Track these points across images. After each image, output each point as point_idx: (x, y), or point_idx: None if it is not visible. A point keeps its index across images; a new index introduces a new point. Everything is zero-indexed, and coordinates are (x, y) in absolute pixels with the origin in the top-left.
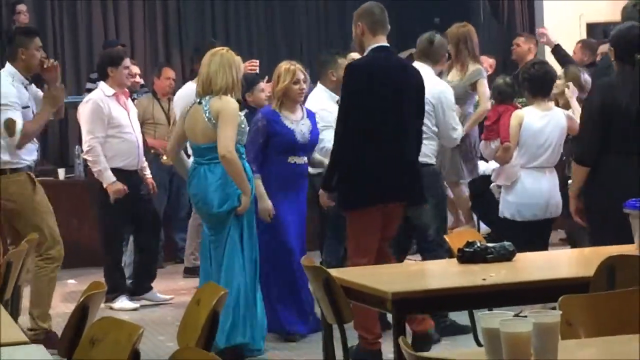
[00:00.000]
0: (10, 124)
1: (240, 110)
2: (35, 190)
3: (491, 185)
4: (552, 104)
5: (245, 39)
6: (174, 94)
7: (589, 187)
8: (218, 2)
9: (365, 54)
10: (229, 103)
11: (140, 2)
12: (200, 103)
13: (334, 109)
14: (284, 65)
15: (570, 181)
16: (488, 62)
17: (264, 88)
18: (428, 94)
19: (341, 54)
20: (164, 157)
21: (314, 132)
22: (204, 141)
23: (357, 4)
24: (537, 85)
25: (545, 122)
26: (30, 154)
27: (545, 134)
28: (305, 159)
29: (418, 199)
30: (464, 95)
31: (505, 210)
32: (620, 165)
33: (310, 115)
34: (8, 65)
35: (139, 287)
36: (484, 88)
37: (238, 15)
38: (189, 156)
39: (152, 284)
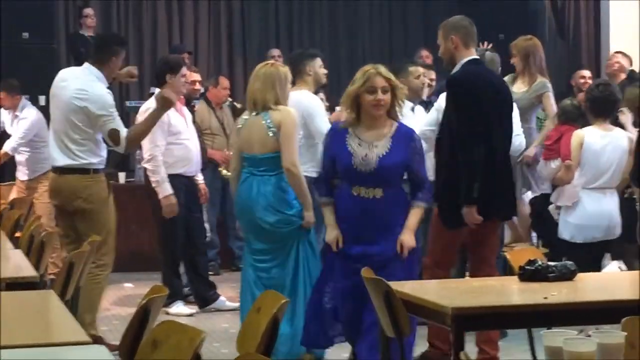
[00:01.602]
0: (113, 135)
1: None
2: (110, 193)
3: (550, 206)
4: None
5: (308, 45)
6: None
7: None
8: (282, 8)
9: (458, 67)
10: (290, 114)
11: (205, 8)
12: (257, 114)
13: (408, 115)
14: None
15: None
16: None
17: (323, 97)
18: None
19: (410, 63)
20: (224, 171)
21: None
22: (262, 151)
23: (419, 6)
24: (600, 106)
25: (605, 142)
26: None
27: (606, 154)
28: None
29: (513, 212)
30: (529, 107)
31: (565, 231)
32: None
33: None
34: (93, 68)
35: (203, 299)
36: (552, 101)
37: (301, 22)
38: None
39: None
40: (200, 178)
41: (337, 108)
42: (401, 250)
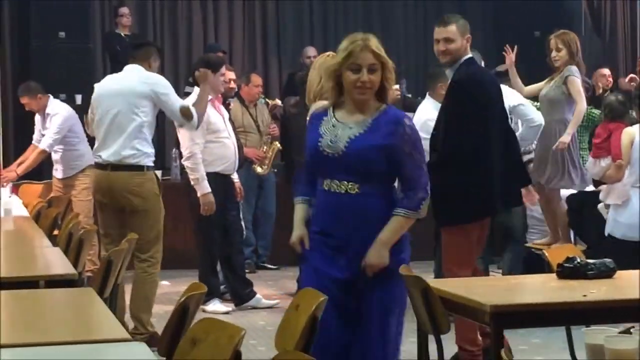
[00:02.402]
0: (186, 111)
1: None
2: (161, 191)
3: (599, 205)
4: None
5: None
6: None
7: None
8: (316, 8)
9: (458, 65)
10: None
11: (240, 7)
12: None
13: None
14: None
15: None
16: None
17: None
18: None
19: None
20: (258, 169)
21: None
22: None
23: (454, 5)
24: None
25: None
26: None
27: None
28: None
29: (519, 201)
30: (559, 96)
31: (616, 230)
32: None
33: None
34: (135, 66)
35: (240, 296)
36: (577, 87)
37: (336, 21)
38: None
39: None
40: (235, 177)
41: None
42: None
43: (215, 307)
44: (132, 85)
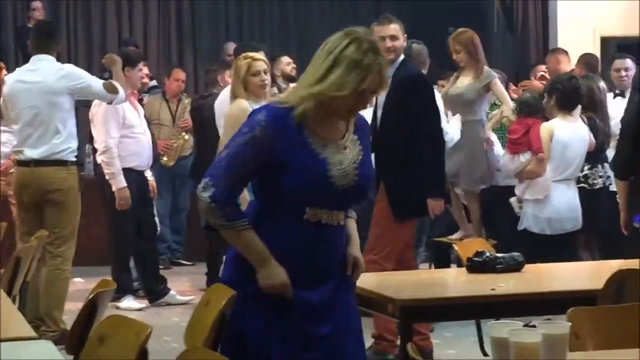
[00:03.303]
0: (109, 85)
1: None
2: (81, 187)
3: (512, 199)
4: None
5: (258, 39)
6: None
7: (629, 201)
8: (232, 2)
9: (397, 64)
10: (231, 107)
11: (155, 2)
12: None
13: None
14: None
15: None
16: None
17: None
18: None
19: None
20: (164, 158)
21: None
22: None
23: (370, 6)
24: (569, 99)
25: (572, 134)
26: None
27: (572, 146)
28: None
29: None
30: (476, 98)
31: (534, 224)
32: None
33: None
34: (45, 56)
35: (153, 293)
36: (501, 88)
37: (251, 16)
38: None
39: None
40: (149, 174)
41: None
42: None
43: (129, 303)
44: (48, 81)
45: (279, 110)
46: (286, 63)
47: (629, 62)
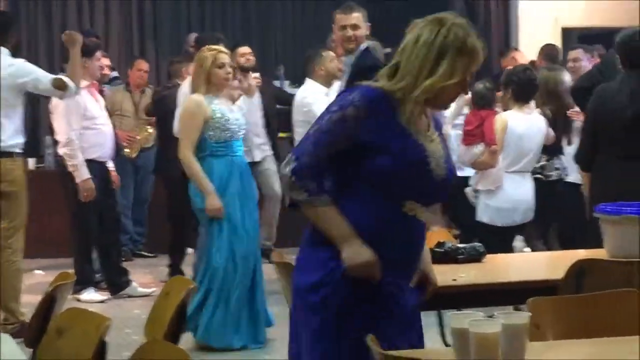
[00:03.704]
0: (59, 82)
1: None
2: (26, 177)
3: (467, 189)
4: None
5: (220, 29)
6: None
7: (591, 191)
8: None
9: (358, 52)
10: (187, 102)
11: None
12: None
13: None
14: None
15: None
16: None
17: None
18: None
19: (322, 48)
20: (127, 150)
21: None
22: None
23: (332, 7)
24: (523, 90)
25: (527, 126)
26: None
27: (527, 138)
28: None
29: None
30: None
31: (484, 214)
32: (616, 169)
33: None
34: (3, 48)
35: (115, 285)
36: None
37: (213, 8)
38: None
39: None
40: (111, 165)
41: None
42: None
43: (90, 296)
44: None
45: (374, 92)
46: (241, 54)
47: (579, 52)
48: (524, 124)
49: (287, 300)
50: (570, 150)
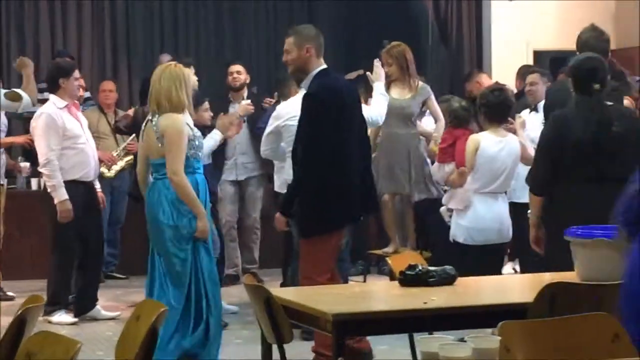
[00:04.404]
0: (11, 95)
1: None
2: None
3: (442, 208)
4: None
5: (194, 50)
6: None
7: (545, 216)
8: (166, 14)
9: (311, 77)
10: (175, 121)
11: (89, 15)
12: (151, 120)
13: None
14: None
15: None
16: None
17: (208, 107)
18: None
19: None
20: (105, 170)
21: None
22: (157, 157)
23: (304, 10)
24: (495, 111)
25: (500, 147)
26: None
27: (500, 160)
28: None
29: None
30: (416, 112)
31: (458, 234)
32: (572, 194)
33: None
34: None
35: (81, 307)
36: (436, 105)
37: (187, 29)
38: None
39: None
40: (97, 185)
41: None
42: None
43: (61, 318)
44: None
45: None
46: (229, 73)
47: (536, 77)
48: (497, 145)
49: (259, 322)
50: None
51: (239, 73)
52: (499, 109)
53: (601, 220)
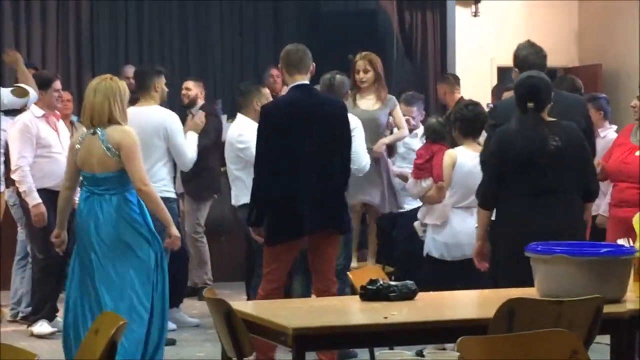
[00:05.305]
0: (18, 91)
1: None
2: None
3: (415, 222)
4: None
5: (158, 62)
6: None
7: (492, 230)
8: (131, 27)
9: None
10: (129, 133)
11: (54, 29)
12: (94, 133)
13: None
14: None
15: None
16: None
17: None
18: None
19: (261, 85)
20: None
21: None
22: (101, 171)
23: (270, 27)
24: (469, 125)
25: (476, 162)
26: None
27: (476, 174)
28: None
29: (345, 227)
30: (385, 122)
31: (434, 249)
32: (512, 208)
33: None
34: None
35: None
36: (401, 114)
37: (151, 41)
38: None
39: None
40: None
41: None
42: None
43: (42, 328)
44: None
45: None
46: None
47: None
48: (473, 160)
49: (220, 336)
50: None
51: (187, 89)
52: (473, 124)
53: (539, 233)
